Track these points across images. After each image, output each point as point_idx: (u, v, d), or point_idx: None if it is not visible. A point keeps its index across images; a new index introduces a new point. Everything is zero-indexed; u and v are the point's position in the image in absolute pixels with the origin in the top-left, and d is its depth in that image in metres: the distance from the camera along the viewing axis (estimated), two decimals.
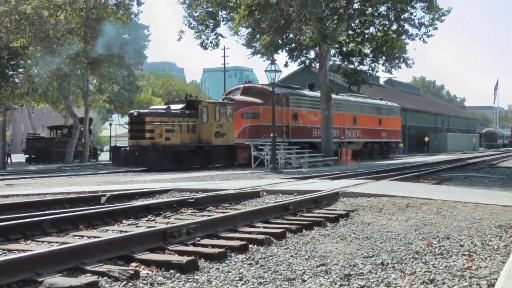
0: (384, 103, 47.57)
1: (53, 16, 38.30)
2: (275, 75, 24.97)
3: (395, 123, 47.57)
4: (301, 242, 6.60)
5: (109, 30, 37.74)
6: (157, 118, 26.95)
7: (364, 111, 42.25)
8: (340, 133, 38.54)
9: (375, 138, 43.59)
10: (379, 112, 44.82)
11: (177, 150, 27.04)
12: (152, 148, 26.18)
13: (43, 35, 37.12)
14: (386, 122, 45.26)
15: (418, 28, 32.89)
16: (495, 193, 12.81)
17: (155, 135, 26.57)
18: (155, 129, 26.64)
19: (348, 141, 39.59)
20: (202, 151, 28.56)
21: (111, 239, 5.63)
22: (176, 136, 27.24)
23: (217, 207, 9.92)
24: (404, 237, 6.85)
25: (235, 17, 31.25)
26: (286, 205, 8.98)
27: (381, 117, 44.65)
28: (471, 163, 29.52)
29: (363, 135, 41.68)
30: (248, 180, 17.61)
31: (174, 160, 26.94)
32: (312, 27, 29.15)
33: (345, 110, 39.62)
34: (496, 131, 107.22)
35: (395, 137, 47.62)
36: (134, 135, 27.07)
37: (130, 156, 26.39)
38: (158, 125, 26.68)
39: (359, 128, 41.06)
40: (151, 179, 18.95)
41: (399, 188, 12.75)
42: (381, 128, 44.39)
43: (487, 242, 6.41)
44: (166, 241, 6.08)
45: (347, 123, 39.55)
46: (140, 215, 8.73)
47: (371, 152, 42.95)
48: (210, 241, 6.40)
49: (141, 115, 27.21)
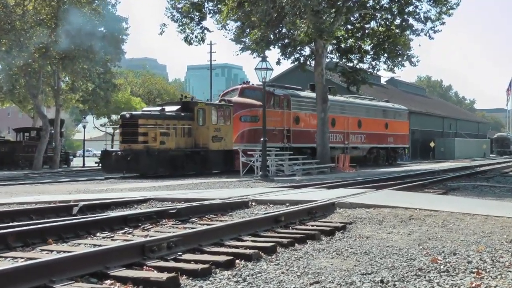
0: (391, 106, 48.01)
1: (20, 6, 38.17)
2: (266, 74, 24.98)
3: (403, 127, 47.93)
4: (293, 257, 6.61)
5: (83, 22, 37.64)
6: (151, 121, 27.18)
7: (369, 114, 42.60)
8: (344, 137, 39.02)
9: (381, 143, 43.93)
10: (385, 115, 45.25)
11: (172, 155, 27.31)
12: (145, 153, 26.35)
13: (9, 26, 36.94)
14: (393, 126, 45.58)
15: (424, 23, 33.13)
16: (507, 204, 12.88)
17: (149, 138, 26.79)
18: (149, 132, 26.84)
19: (353, 147, 40.03)
20: (198, 156, 28.82)
21: (83, 254, 5.61)
22: (171, 140, 27.48)
23: (201, 219, 9.91)
24: (406, 252, 6.87)
25: (222, 9, 31.33)
26: (277, 217, 8.98)
27: (388, 121, 45.02)
28: (481, 171, 29.64)
29: (368, 140, 42.02)
30: (236, 188, 17.61)
31: (169, 165, 27.21)
32: (307, 21, 29.21)
33: (349, 113, 40.07)
34: (509, 136, 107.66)
35: (403, 142, 48.05)
36: (126, 138, 27.20)
37: (121, 161, 26.47)
38: (152, 128, 26.90)
39: (364, 133, 41.43)
40: (129, 188, 18.91)
41: (401, 198, 12.79)
42: (388, 132, 44.76)
43: (498, 259, 6.44)
44: (145, 256, 6.08)
45: (351, 127, 39.96)
46: (116, 227, 8.70)
47: (376, 159, 43.32)
48: (193, 256, 6.40)
49: (134, 117, 27.42)
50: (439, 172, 28.84)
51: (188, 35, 33.71)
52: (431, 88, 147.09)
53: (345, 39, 35.70)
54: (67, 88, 45.23)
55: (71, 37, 37.60)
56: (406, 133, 48.97)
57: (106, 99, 45.53)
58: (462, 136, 79.57)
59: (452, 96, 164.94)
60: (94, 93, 45.53)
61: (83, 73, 42.61)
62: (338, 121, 38.34)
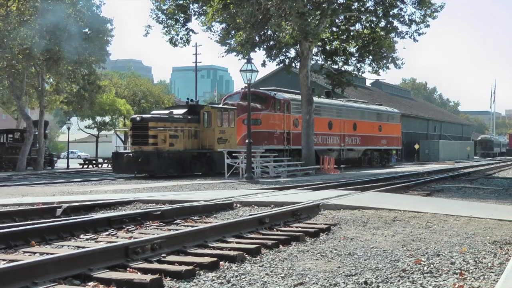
0: (384, 109, 49.53)
1: (4, 6, 37.89)
2: (251, 76, 24.97)
3: (395, 129, 49.43)
4: (277, 259, 6.62)
5: (67, 23, 37.41)
6: (160, 124, 28.53)
7: (364, 117, 44.01)
8: (341, 140, 40.22)
9: (375, 145, 45.34)
10: (379, 118, 46.63)
11: (180, 157, 28.47)
12: (156, 154, 27.52)
13: None
14: (386, 129, 47.10)
15: (409, 25, 33.24)
16: (490, 205, 12.97)
17: (158, 140, 28.16)
18: (158, 134, 28.18)
19: (348, 148, 41.25)
20: (204, 157, 29.93)
21: (67, 256, 5.58)
22: (180, 142, 28.79)
23: (186, 220, 9.92)
24: (390, 253, 6.90)
25: (208, 10, 31.28)
26: (262, 218, 9.01)
27: (381, 124, 46.50)
28: (465, 173, 29.83)
29: (363, 142, 43.30)
30: (221, 190, 17.61)
31: (177, 166, 28.45)
32: (293, 23, 29.25)
33: (345, 116, 41.34)
34: (493, 139, 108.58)
35: (395, 144, 49.50)
36: (137, 140, 28.66)
37: (132, 162, 27.67)
38: (162, 130, 28.21)
39: (359, 135, 42.74)
40: (113, 189, 18.85)
41: (386, 200, 12.85)
42: (381, 135, 46.23)
43: (481, 260, 6.49)
44: (128, 258, 6.07)
45: (347, 129, 41.17)
46: (99, 229, 8.69)
47: (370, 160, 44.57)
48: (177, 257, 6.40)
49: (144, 120, 28.75)
50: (424, 174, 29.00)
51: (173, 37, 33.57)
52: (416, 90, 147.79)
53: (330, 41, 35.75)
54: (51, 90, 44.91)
55: (55, 38, 37.35)
56: (398, 135, 50.35)
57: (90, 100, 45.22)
58: (447, 138, 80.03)
59: (437, 98, 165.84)
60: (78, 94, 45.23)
61: (68, 74, 42.34)
62: (334, 124, 39.71)
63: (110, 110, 50.64)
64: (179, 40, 33.71)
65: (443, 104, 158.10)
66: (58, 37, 37.18)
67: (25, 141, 41.72)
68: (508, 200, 14.79)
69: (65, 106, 47.90)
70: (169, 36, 33.51)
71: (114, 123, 52.46)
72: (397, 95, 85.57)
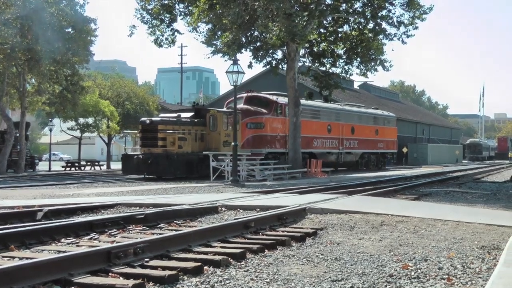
0: (381, 113, 51.30)
1: None
2: (237, 77, 24.95)
3: (391, 133, 51.01)
4: (262, 263, 6.61)
5: (50, 22, 37.21)
6: (169, 126, 29.94)
7: (362, 121, 45.51)
8: (339, 143, 41.54)
9: (372, 148, 46.75)
10: (376, 122, 48.20)
11: (189, 159, 29.60)
12: (165, 156, 28.84)
13: None
14: (383, 132, 48.66)
15: (397, 27, 33.40)
16: (479, 210, 13.04)
17: (167, 143, 29.50)
18: (167, 137, 29.53)
19: (347, 152, 42.60)
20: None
21: (47, 261, 5.54)
22: (188, 144, 30.13)
23: (170, 224, 9.90)
24: (377, 258, 6.92)
25: (193, 11, 31.22)
26: (247, 223, 9.00)
27: (378, 127, 48.05)
28: (453, 177, 30.01)
29: (361, 145, 44.69)
30: (206, 194, 17.58)
31: (185, 168, 29.58)
32: (280, 24, 29.29)
33: (344, 120, 42.74)
34: (481, 142, 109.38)
35: (392, 148, 50.96)
36: (146, 143, 30.01)
37: (142, 164, 28.86)
38: (171, 133, 29.58)
39: (357, 139, 44.14)
40: (96, 192, 18.76)
41: (373, 204, 12.88)
42: (378, 138, 47.71)
43: (468, 265, 6.51)
44: (111, 263, 6.03)
45: (345, 133, 42.57)
46: (81, 233, 8.64)
47: (367, 163, 45.96)
48: (161, 262, 6.38)
49: (154, 123, 30.12)
50: (412, 177, 29.12)
51: (158, 37, 33.52)
52: (404, 93, 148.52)
53: (318, 43, 35.85)
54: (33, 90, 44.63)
55: (37, 38, 37.13)
56: (394, 139, 51.79)
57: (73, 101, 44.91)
58: (435, 142, 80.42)
59: (425, 101, 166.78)
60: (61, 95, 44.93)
61: (50, 75, 42.09)
62: (333, 127, 41.00)
63: (94, 111, 50.28)
64: (164, 41, 33.68)
65: (432, 107, 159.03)
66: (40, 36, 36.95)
67: (5, 143, 41.41)
68: (497, 204, 14.88)
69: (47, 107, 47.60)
70: (154, 37, 33.49)
71: (97, 125, 52.16)
72: (385, 98, 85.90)
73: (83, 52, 42.18)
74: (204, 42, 32.78)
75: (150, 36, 33.50)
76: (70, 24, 40.95)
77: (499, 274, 5.50)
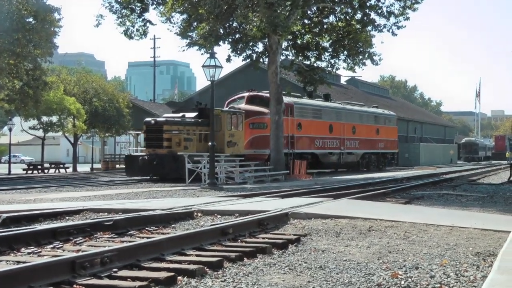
0: (381, 111, 52.67)
1: None
2: (214, 72, 24.90)
3: (392, 132, 52.29)
4: (241, 273, 6.61)
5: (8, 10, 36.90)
6: (174, 127, 31.04)
7: (362, 120, 46.71)
8: (340, 143, 42.60)
9: (373, 149, 47.91)
10: (376, 121, 49.42)
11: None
12: (171, 157, 29.60)
13: None
14: (383, 132, 49.86)
15: (387, 18, 33.56)
16: (474, 214, 13.13)
17: (172, 143, 30.66)
18: (172, 137, 30.70)
19: (348, 152, 43.63)
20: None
21: (3, 272, 5.50)
22: (193, 145, 31.05)
23: (141, 231, 9.88)
24: (365, 266, 6.94)
25: (167, 0, 31.12)
26: (225, 229, 8.99)
27: (379, 127, 49.25)
28: (447, 178, 30.19)
29: (362, 145, 45.80)
30: (181, 198, 17.56)
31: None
32: (260, 14, 29.30)
33: (345, 119, 43.87)
34: (478, 141, 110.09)
35: (392, 148, 52.13)
36: (151, 143, 31.07)
37: (147, 165, 29.87)
38: (176, 134, 30.77)
39: (358, 139, 45.31)
40: (60, 197, 18.65)
41: (361, 208, 12.92)
42: (379, 138, 48.89)
43: (462, 273, 6.56)
44: (75, 273, 6.00)
45: (347, 133, 43.67)
46: (43, 241, 8.58)
47: (368, 164, 47.06)
48: (130, 272, 6.36)
49: (159, 123, 31.20)
50: (403, 179, 29.27)
51: (129, 28, 33.33)
52: (395, 88, 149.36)
53: (302, 34, 35.90)
54: None
55: None
56: (395, 138, 52.95)
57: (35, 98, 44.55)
58: (428, 141, 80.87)
59: (418, 97, 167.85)
60: (21, 91, 44.55)
61: (9, 69, 41.77)
62: (335, 127, 42.04)
63: (58, 109, 49.87)
64: (135, 32, 33.52)
65: (425, 104, 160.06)
66: None
67: None
68: (493, 208, 15.00)
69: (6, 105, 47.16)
70: (123, 28, 33.28)
71: (62, 124, 51.78)
72: (374, 94, 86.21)
73: (46, 44, 41.84)
74: (179, 33, 32.66)
75: (120, 27, 33.33)
76: (31, 13, 40.58)
77: (491, 282, 5.54)
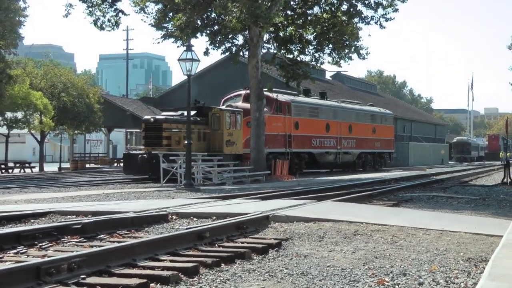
0: (377, 110, 53.87)
1: None
2: (191, 66, 24.86)
3: (388, 131, 53.61)
4: (218, 279, 6.61)
5: None
6: (173, 125, 31.42)
7: (359, 119, 47.85)
8: (337, 142, 43.67)
9: (369, 148, 49.06)
10: (373, 120, 50.60)
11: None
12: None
13: None
14: (380, 131, 51.02)
15: (374, 9, 33.64)
16: (465, 217, 13.22)
17: (172, 142, 31.09)
18: (172, 136, 31.15)
19: (345, 152, 44.63)
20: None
21: None
22: (193, 144, 30.37)
23: (111, 235, 9.86)
24: (350, 273, 6.97)
25: None
26: (201, 233, 9.00)
27: (375, 126, 50.36)
28: (438, 180, 30.39)
29: (358, 145, 46.88)
30: (154, 200, 17.52)
31: None
32: (241, 5, 29.26)
33: (341, 118, 44.92)
34: (470, 141, 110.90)
35: (388, 147, 53.40)
36: (150, 142, 31.42)
37: (146, 164, 30.23)
38: (175, 132, 31.15)
39: (355, 138, 46.41)
40: (25, 199, 18.54)
41: (346, 211, 12.96)
42: (375, 137, 50.02)
43: (452, 280, 6.60)
44: (40, 281, 5.98)
45: (343, 132, 44.72)
46: (6, 246, 8.53)
47: (364, 164, 48.14)
48: (99, 279, 6.34)
49: (158, 121, 31.67)
50: (390, 181, 29.40)
51: (99, 19, 32.97)
52: (383, 84, 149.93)
53: (284, 26, 35.89)
54: None
55: None
56: (391, 138, 54.25)
57: None
58: (418, 140, 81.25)
59: (407, 93, 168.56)
60: None
61: None
62: (331, 126, 43.06)
63: (24, 104, 49.49)
64: (106, 23, 33.19)
65: (414, 101, 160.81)
66: None
67: None
68: (486, 211, 15.11)
69: None
70: (93, 18, 32.91)
71: (28, 120, 51.42)
72: (361, 90, 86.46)
73: (10, 34, 41.56)
74: (153, 25, 32.49)
75: (89, 17, 32.99)
76: None
77: None
